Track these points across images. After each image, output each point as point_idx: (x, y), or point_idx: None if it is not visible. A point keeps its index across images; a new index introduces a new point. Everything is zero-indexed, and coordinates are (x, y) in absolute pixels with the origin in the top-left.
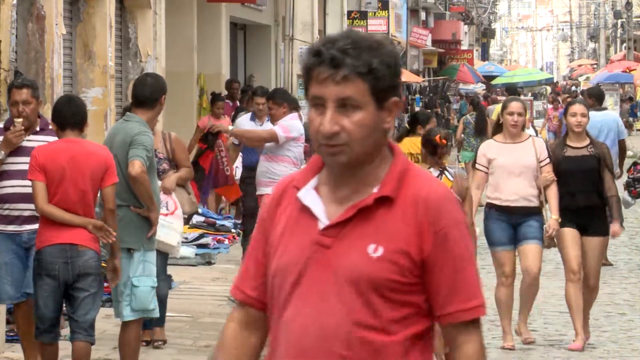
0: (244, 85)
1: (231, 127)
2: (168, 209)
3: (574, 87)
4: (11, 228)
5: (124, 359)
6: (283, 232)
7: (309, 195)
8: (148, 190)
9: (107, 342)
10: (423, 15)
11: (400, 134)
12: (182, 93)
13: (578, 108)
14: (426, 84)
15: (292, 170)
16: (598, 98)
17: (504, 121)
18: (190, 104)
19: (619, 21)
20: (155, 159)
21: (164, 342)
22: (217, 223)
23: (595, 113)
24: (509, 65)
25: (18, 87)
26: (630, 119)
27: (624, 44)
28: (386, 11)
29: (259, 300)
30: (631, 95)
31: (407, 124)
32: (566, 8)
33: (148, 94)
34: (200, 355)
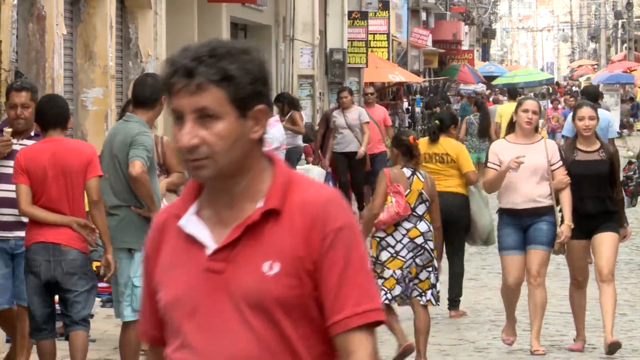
0: None
1: None
2: None
3: (574, 88)
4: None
5: (125, 359)
6: (170, 266)
7: (190, 222)
8: (149, 190)
9: (108, 343)
10: (424, 15)
11: (432, 134)
12: None
13: (586, 111)
14: (427, 84)
15: None
16: (592, 97)
17: (518, 119)
18: None
19: (620, 21)
20: None
21: None
22: None
23: None
24: (509, 66)
25: (17, 90)
26: (631, 119)
27: (625, 45)
28: (387, 11)
29: (162, 339)
30: (632, 96)
31: (438, 122)
32: (567, 8)
33: (148, 94)
34: None
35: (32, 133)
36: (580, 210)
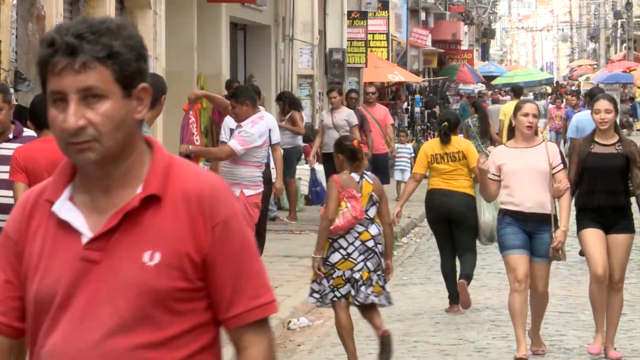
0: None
1: (190, 147)
2: None
3: (573, 87)
4: None
5: None
6: (41, 253)
7: (64, 208)
8: None
9: None
10: (423, 15)
11: (444, 135)
12: (182, 93)
13: (602, 104)
14: (426, 84)
15: (256, 172)
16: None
17: (518, 123)
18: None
19: (619, 21)
20: None
21: None
22: None
23: (588, 112)
24: (509, 66)
25: None
26: (631, 119)
27: (624, 44)
28: (386, 11)
29: (9, 326)
30: (632, 95)
31: (447, 123)
32: (566, 8)
33: None
34: None
35: (11, 135)
36: (593, 204)
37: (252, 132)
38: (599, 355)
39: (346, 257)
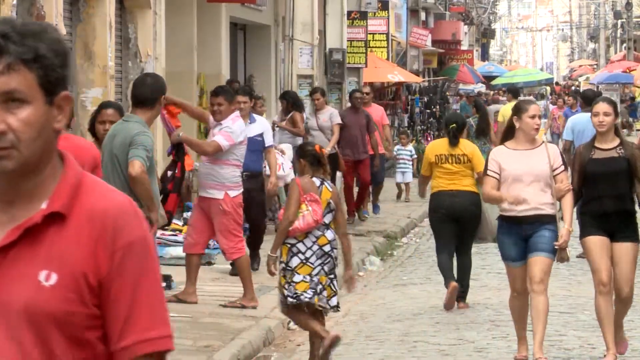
0: (244, 85)
1: (181, 134)
2: None
3: (573, 87)
4: None
5: None
6: None
7: None
8: (148, 190)
9: None
10: (423, 15)
11: (453, 137)
12: (182, 93)
13: (600, 107)
14: (426, 84)
15: (237, 172)
16: (591, 100)
17: (525, 126)
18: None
19: (619, 21)
20: None
21: None
22: None
23: (585, 114)
24: (509, 66)
25: None
26: (630, 119)
27: (624, 44)
28: (386, 11)
29: None
30: (631, 96)
31: (455, 125)
32: (566, 8)
33: (148, 94)
34: (200, 355)
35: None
36: (597, 211)
37: (234, 129)
38: None
39: (304, 262)
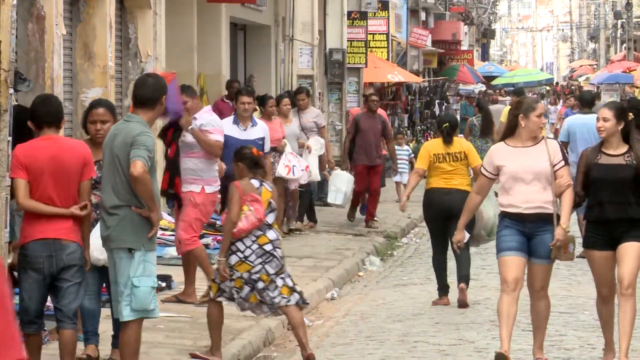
0: (244, 85)
1: (193, 128)
2: None
3: (572, 87)
4: None
5: (124, 359)
6: None
7: None
8: (150, 190)
9: (108, 342)
10: (423, 15)
11: (447, 135)
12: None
13: (601, 112)
14: (426, 84)
15: (214, 167)
16: (588, 102)
17: (532, 125)
18: None
19: (619, 21)
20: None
21: None
22: (217, 223)
23: (580, 116)
24: (509, 66)
25: None
26: None
27: (624, 45)
28: (386, 11)
29: None
30: (632, 96)
31: (448, 124)
32: (566, 8)
33: (149, 94)
34: None
35: None
36: (600, 218)
37: (213, 118)
38: None
39: (243, 260)
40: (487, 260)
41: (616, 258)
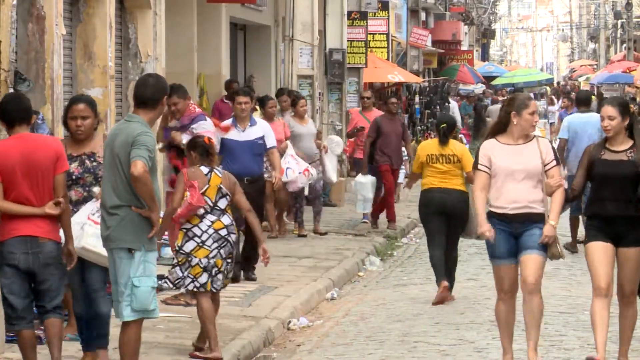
0: (244, 85)
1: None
2: None
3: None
4: None
5: (124, 359)
6: None
7: None
8: (150, 190)
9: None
10: (423, 15)
11: (443, 136)
12: None
13: (605, 111)
14: (426, 84)
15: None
16: (584, 101)
17: (524, 122)
18: None
19: (619, 22)
20: (94, 163)
21: None
22: None
23: (580, 115)
24: (509, 66)
25: None
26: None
27: (624, 45)
28: (386, 11)
29: None
30: (632, 96)
31: (445, 125)
32: (566, 8)
33: (150, 95)
34: None
35: None
36: (601, 213)
37: (207, 124)
38: None
39: (201, 245)
40: (487, 260)
41: (618, 261)
